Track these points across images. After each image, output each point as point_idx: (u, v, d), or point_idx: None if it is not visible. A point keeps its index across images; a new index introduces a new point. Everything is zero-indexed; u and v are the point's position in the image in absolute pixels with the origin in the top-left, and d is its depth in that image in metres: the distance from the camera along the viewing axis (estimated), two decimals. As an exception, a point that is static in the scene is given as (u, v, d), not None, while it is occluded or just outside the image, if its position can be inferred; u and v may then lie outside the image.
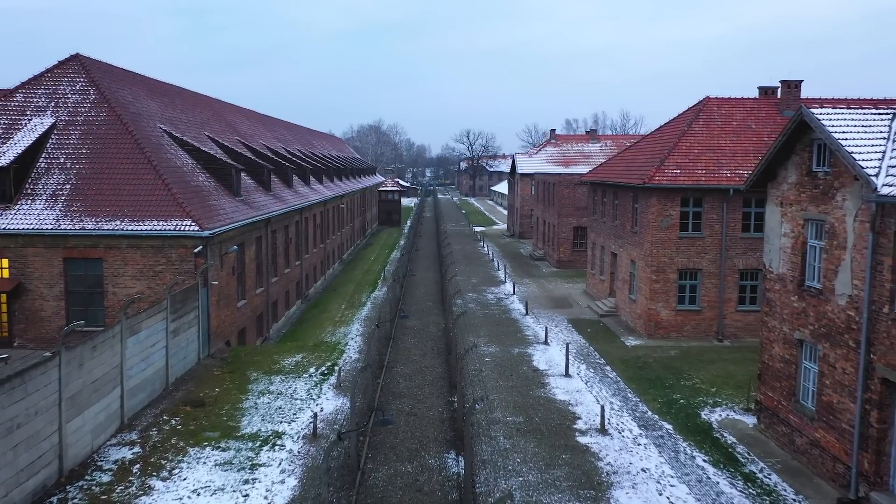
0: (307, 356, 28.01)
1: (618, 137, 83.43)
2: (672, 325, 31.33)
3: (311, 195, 51.86)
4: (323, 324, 35.58)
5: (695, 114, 34.57)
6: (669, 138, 34.20)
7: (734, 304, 31.23)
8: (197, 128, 40.68)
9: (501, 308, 39.00)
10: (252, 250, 34.94)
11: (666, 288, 31.11)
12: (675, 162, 31.51)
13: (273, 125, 67.47)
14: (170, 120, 37.16)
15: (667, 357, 28.52)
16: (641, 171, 33.01)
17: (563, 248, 53.60)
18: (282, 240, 41.72)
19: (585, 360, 28.45)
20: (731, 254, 30.92)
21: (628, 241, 34.59)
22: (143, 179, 28.88)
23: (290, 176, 48.56)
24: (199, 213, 28.52)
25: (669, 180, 30.59)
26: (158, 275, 27.51)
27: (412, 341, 31.36)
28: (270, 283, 38.29)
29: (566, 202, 53.37)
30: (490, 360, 28.10)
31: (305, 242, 49.18)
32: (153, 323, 22.35)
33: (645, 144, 37.77)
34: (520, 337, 32.18)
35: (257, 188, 40.24)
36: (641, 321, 32.19)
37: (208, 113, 46.73)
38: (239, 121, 54.21)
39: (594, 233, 41.97)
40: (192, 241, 27.27)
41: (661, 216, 30.80)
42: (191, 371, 25.31)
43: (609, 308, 36.74)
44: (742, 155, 32.06)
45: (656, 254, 30.94)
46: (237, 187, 35.40)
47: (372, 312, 37.68)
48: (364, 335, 32.39)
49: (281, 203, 41.74)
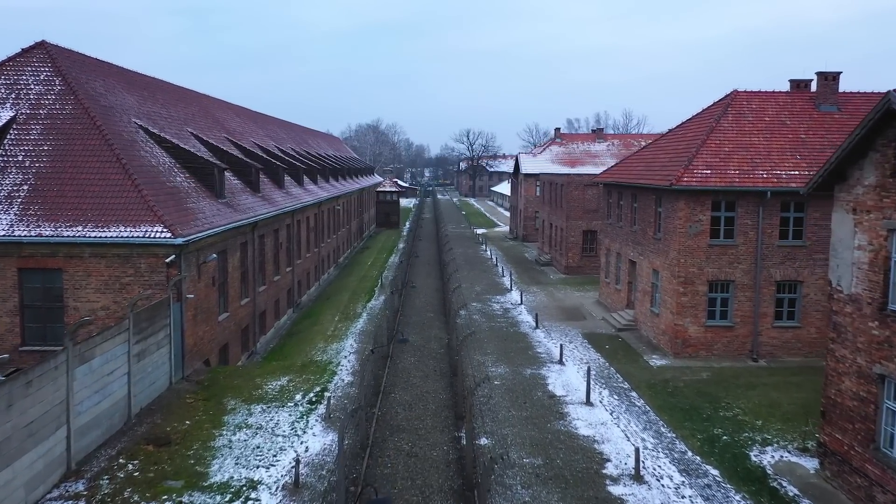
0: (294, 379, 24.85)
1: (625, 137, 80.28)
2: (701, 342, 28.18)
3: (304, 196, 48.69)
4: (314, 339, 32.40)
5: (722, 108, 31.42)
6: (696, 135, 31.06)
7: (770, 319, 28.07)
8: (179, 124, 37.49)
9: (509, 320, 35.84)
10: (236, 257, 31.78)
11: (694, 301, 27.95)
12: (705, 161, 28.37)
13: (265, 123, 64.25)
14: (148, 115, 34.00)
15: (698, 381, 25.37)
16: (665, 171, 29.88)
17: (571, 254, 50.44)
18: (271, 245, 38.56)
19: (607, 383, 25.30)
20: (767, 263, 27.78)
21: (650, 248, 31.45)
22: (111, 180, 25.72)
23: (282, 176, 45.39)
24: (172, 217, 25.36)
25: (699, 182, 27.44)
26: (125, 287, 24.33)
27: (412, 360, 28.21)
28: (257, 292, 35.13)
29: (575, 204, 50.22)
30: (500, 384, 24.95)
31: (297, 247, 46.00)
32: (111, 347, 19.18)
33: (666, 142, 34.63)
34: (531, 355, 29.03)
35: (244, 189, 37.08)
36: (666, 338, 29.04)
37: (193, 108, 43.53)
38: (228, 118, 51.00)
39: (608, 238, 38.82)
40: (164, 249, 24.12)
41: (689, 221, 27.65)
42: (160, 399, 22.14)
43: (627, 321, 33.57)
44: (778, 153, 28.93)
45: (684, 263, 27.79)
46: (220, 188, 32.23)
47: (368, 325, 34.51)
48: (359, 352, 29.22)
49: (270, 205, 38.57)
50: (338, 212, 63.13)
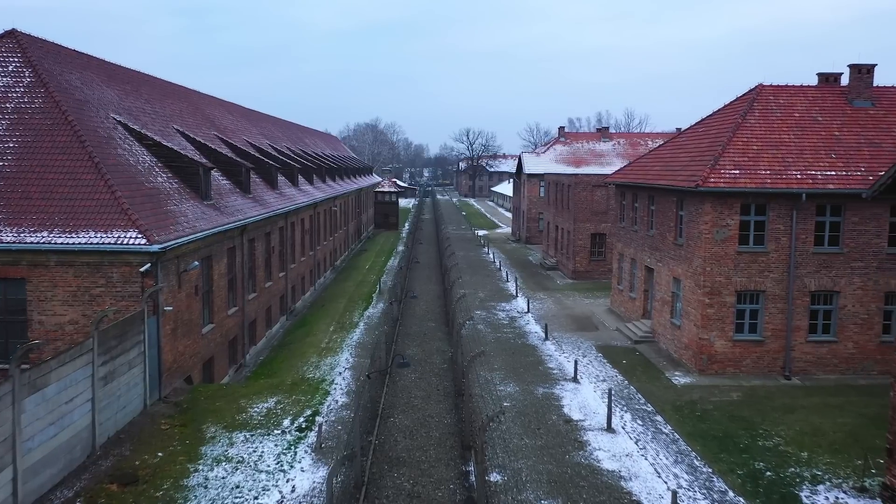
0: (282, 400, 22.50)
1: (631, 135, 77.94)
2: (729, 358, 25.84)
3: (298, 197, 46.32)
4: (306, 352, 30.02)
5: (747, 104, 29.08)
6: (719, 132, 28.72)
7: (804, 333, 25.74)
8: (164, 120, 35.12)
9: (516, 330, 33.49)
10: (223, 264, 29.43)
11: (721, 313, 25.62)
12: (732, 160, 26.03)
13: (259, 120, 61.85)
14: (129, 110, 31.63)
15: (729, 402, 23.02)
16: (688, 171, 27.54)
17: (579, 258, 48.08)
18: (262, 249, 36.21)
19: (628, 405, 22.95)
20: (800, 272, 25.46)
21: (669, 254, 29.11)
22: (82, 180, 23.37)
23: (275, 176, 43.02)
24: (149, 221, 23.02)
25: (727, 183, 25.10)
26: (96, 299, 21.98)
27: (413, 377, 25.85)
28: (247, 300, 32.77)
29: (583, 206, 47.87)
30: (510, 406, 22.61)
31: (291, 251, 43.63)
32: (70, 371, 16.82)
33: (685, 140, 32.28)
34: (542, 371, 26.69)
35: (233, 190, 34.73)
36: (690, 353, 26.69)
37: (182, 105, 41.15)
38: (220, 115, 48.62)
39: (621, 243, 36.47)
40: (138, 256, 21.78)
41: (715, 226, 25.32)
42: (131, 425, 19.78)
43: (644, 333, 31.22)
44: (811, 152, 26.60)
45: (710, 272, 25.45)
46: (206, 189, 29.89)
47: (365, 337, 32.13)
48: (354, 368, 26.86)
49: (261, 207, 36.20)
50: (335, 213, 60.76)
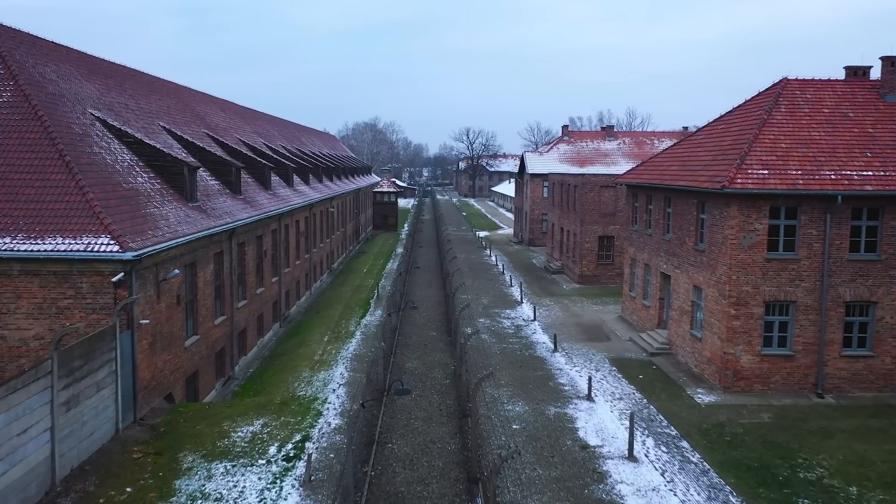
0: (270, 422, 20.46)
1: (637, 134, 75.84)
2: (756, 374, 23.81)
3: (293, 198, 44.30)
4: (298, 365, 27.96)
5: (772, 98, 27.06)
6: (742, 130, 26.70)
7: (838, 347, 23.72)
8: (149, 117, 33.06)
9: (522, 340, 31.45)
10: (209, 270, 27.41)
11: (748, 325, 23.58)
12: (759, 159, 24.01)
13: (254, 119, 59.80)
14: (110, 106, 29.58)
15: (760, 425, 20.98)
16: (710, 171, 25.51)
17: (586, 262, 46.05)
18: (253, 253, 34.17)
19: (649, 428, 20.91)
20: (834, 281, 23.44)
21: (689, 260, 27.08)
22: (51, 181, 21.35)
23: (268, 176, 40.99)
24: (124, 226, 20.98)
25: (756, 184, 23.07)
26: (63, 312, 19.96)
27: (413, 395, 23.80)
28: (236, 308, 30.74)
29: (590, 207, 45.83)
30: (519, 428, 20.58)
31: (286, 254, 41.60)
32: (23, 398, 14.78)
33: (704, 138, 30.24)
34: (553, 387, 24.65)
35: (222, 191, 32.70)
36: (713, 368, 24.66)
37: (170, 101, 39.09)
38: (211, 112, 46.57)
39: (634, 247, 34.43)
40: (110, 265, 19.75)
41: (742, 231, 23.29)
42: (100, 454, 17.74)
43: (661, 344, 29.18)
44: (844, 150, 24.58)
45: (736, 281, 23.42)
46: (191, 190, 27.87)
47: (361, 348, 30.06)
48: (350, 384, 24.80)
49: (252, 209, 34.16)
50: (331, 214, 58.72)
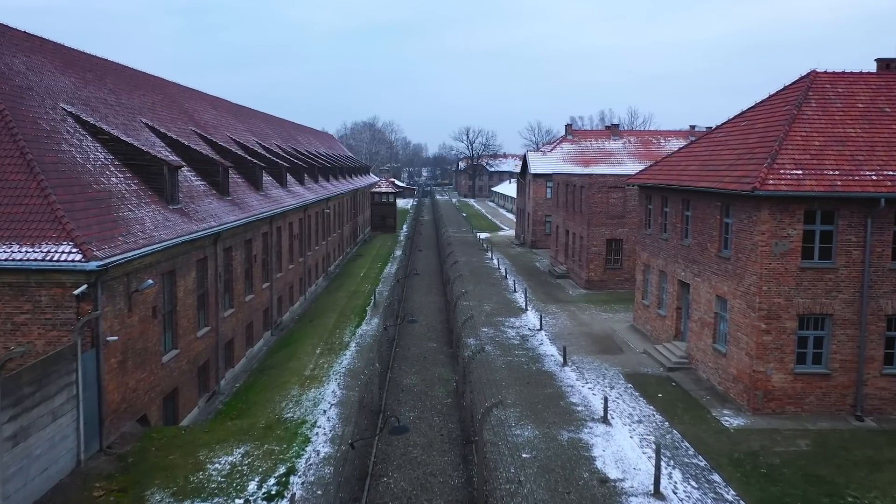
0: (251, 451, 18.32)
1: (643, 133, 73.69)
2: (788, 395, 21.68)
3: (286, 199, 42.19)
4: (287, 381, 25.80)
5: (801, 92, 24.94)
6: (769, 126, 24.59)
7: (878, 364, 21.59)
8: (130, 113, 30.92)
9: (529, 353, 29.31)
10: (191, 278, 25.28)
11: (780, 341, 21.46)
12: (792, 158, 21.89)
13: (247, 116, 57.64)
14: (86, 101, 27.45)
15: (799, 454, 18.85)
16: (736, 171, 23.39)
17: (593, 266, 43.93)
18: (241, 258, 32.03)
19: (674, 457, 18.78)
20: (875, 292, 21.31)
21: (712, 268, 24.95)
22: (10, 181, 19.26)
23: (259, 176, 38.88)
24: (91, 231, 18.88)
25: (790, 185, 20.94)
26: (20, 329, 17.85)
27: (411, 417, 21.68)
28: (222, 318, 28.62)
29: (598, 209, 43.71)
30: (530, 457, 18.46)
31: (278, 258, 39.47)
32: (-45, 437, 12.68)
33: (724, 136, 28.12)
34: (565, 408, 22.52)
35: (208, 192, 30.59)
36: (740, 387, 22.53)
37: (155, 96, 36.94)
38: (201, 109, 44.42)
39: (647, 252, 32.30)
40: (72, 276, 17.65)
41: (775, 237, 21.17)
42: (56, 491, 15.63)
43: (679, 358, 27.05)
44: (884, 148, 22.45)
45: (767, 292, 21.29)
46: (171, 191, 25.77)
47: (355, 362, 27.91)
48: (342, 404, 22.66)
49: (241, 211, 32.05)
50: (327, 216, 56.59)
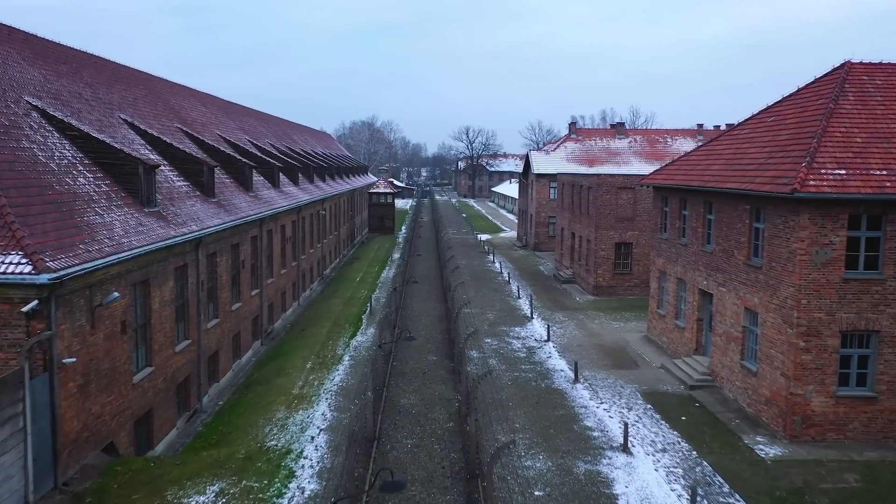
0: (227, 489, 16.10)
1: (649, 132, 71.44)
2: (830, 420, 19.47)
3: (278, 200, 39.98)
4: (273, 401, 23.54)
5: (835, 85, 22.73)
6: (802, 121, 22.38)
7: (930, 386, 19.43)
8: (107, 108, 28.71)
9: (536, 367, 27.10)
10: (168, 288, 23.08)
11: (821, 360, 19.26)
12: (833, 157, 19.68)
13: (240, 114, 55.38)
14: (57, 94, 25.23)
15: (849, 492, 16.64)
16: (767, 170, 21.17)
17: (601, 271, 41.72)
18: (227, 265, 29.83)
19: (707, 495, 16.53)
20: (927, 306, 19.13)
21: (739, 277, 22.74)
22: (-44, 182, 17.04)
23: (249, 176, 36.68)
24: (47, 238, 16.69)
25: (833, 187, 18.73)
26: (-38, 351, 15.63)
27: (409, 444, 19.46)
28: (205, 330, 26.43)
29: (606, 211, 41.50)
30: (543, 495, 16.25)
31: (269, 263, 37.28)
32: None
33: (749, 132, 25.90)
34: (579, 433, 20.30)
35: (191, 193, 28.39)
36: (775, 411, 20.30)
37: (138, 91, 34.70)
38: (189, 106, 42.18)
39: (663, 258, 30.08)
40: (21, 290, 15.46)
41: (815, 245, 18.97)
42: (-6, 543, 13.43)
43: (701, 375, 24.82)
44: (934, 146, 20.28)
45: (806, 306, 19.09)
46: (148, 192, 23.58)
47: (349, 378, 25.67)
48: (332, 429, 20.42)
49: (227, 214, 29.85)
50: (323, 217, 54.38)
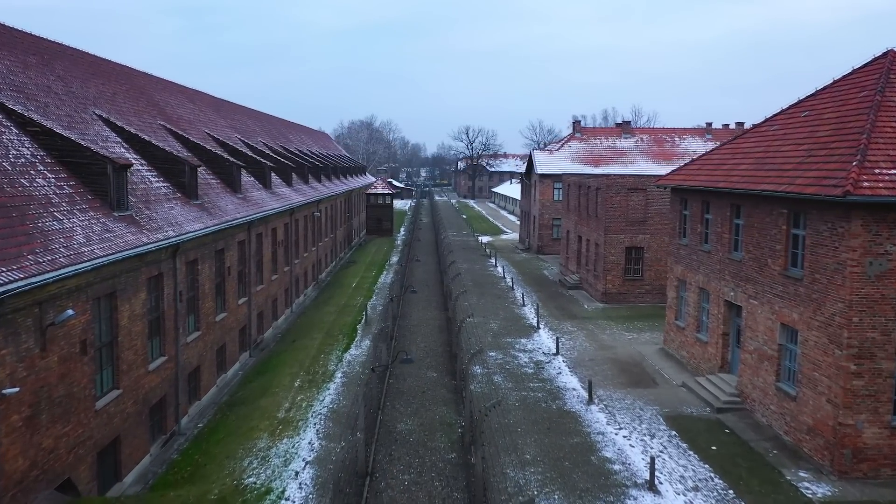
0: (194, 541, 13.83)
1: (656, 131, 69.07)
2: (885, 454, 17.17)
3: (269, 202, 37.70)
4: (255, 427, 21.17)
5: (879, 76, 20.44)
6: (843, 116, 20.09)
7: None
8: (80, 103, 26.43)
9: (546, 385, 24.79)
10: (139, 301, 20.79)
11: (874, 386, 16.97)
12: (886, 155, 17.38)
13: (231, 112, 53.04)
14: (20, 87, 22.95)
15: (916, 544, 14.41)
16: (808, 170, 18.87)
17: (611, 277, 39.43)
18: (210, 272, 27.56)
19: (752, 547, 14.30)
20: None
21: (774, 289, 20.45)
22: None
23: (238, 176, 34.39)
24: (-14, 249, 14.38)
25: (890, 189, 16.45)
26: None
27: (406, 481, 17.13)
28: (184, 344, 24.16)
29: (616, 213, 39.21)
30: (561, 548, 13.96)
31: (258, 269, 35.00)
32: None
33: (780, 128, 23.58)
34: (597, 466, 17.99)
35: (171, 195, 26.13)
36: (819, 442, 18.01)
37: (118, 86, 32.38)
38: (176, 103, 39.84)
39: (682, 265, 27.80)
40: (-51, 311, 13.15)
41: (868, 255, 16.69)
42: None
43: (729, 396, 22.50)
44: None
45: (858, 324, 16.81)
46: (118, 195, 21.31)
47: (341, 398, 23.34)
48: (319, 462, 18.10)
49: (210, 217, 27.56)
50: (318, 219, 52.09)
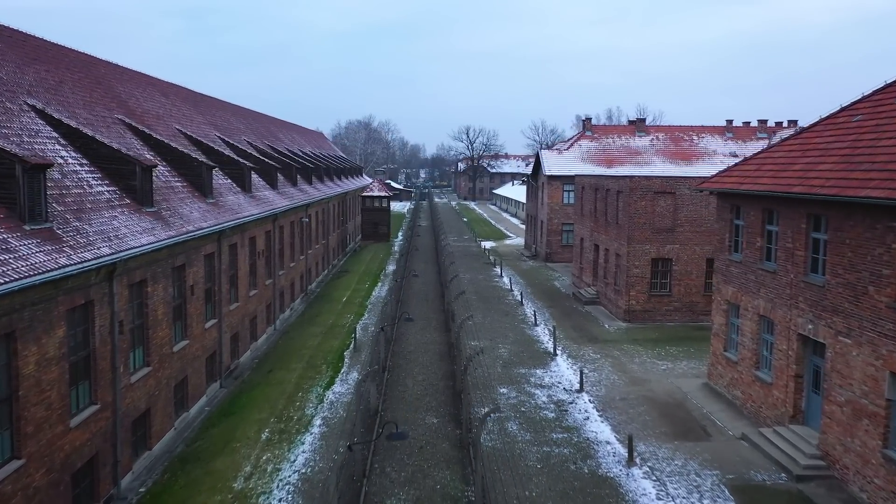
0: None
1: (672, 129, 64.27)
2: None
3: (247, 208, 33.07)
4: (210, 498, 16.48)
5: None
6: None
7: None
8: (8, 92, 21.84)
9: (572, 437, 20.09)
10: (53, 341, 16.20)
11: None
12: None
13: (211, 108, 48.21)
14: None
15: None
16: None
17: (635, 292, 34.77)
18: (165, 294, 22.93)
19: None
20: None
21: (879, 327, 15.79)
22: None
23: (209, 178, 29.76)
24: None
25: None
26: None
27: None
28: (125, 386, 19.55)
29: (640, 220, 34.56)
30: None
31: (232, 285, 30.35)
32: None
33: (871, 118, 18.91)
34: (657, 571, 13.38)
35: (116, 202, 21.65)
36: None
37: (69, 75, 27.67)
38: (144, 95, 35.08)
39: (733, 286, 23.12)
40: None
41: None
42: None
43: (811, 459, 17.76)
44: None
45: None
46: (33, 203, 16.88)
47: (317, 458, 18.59)
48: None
49: (163, 229, 22.93)
50: (307, 225, 47.41)
